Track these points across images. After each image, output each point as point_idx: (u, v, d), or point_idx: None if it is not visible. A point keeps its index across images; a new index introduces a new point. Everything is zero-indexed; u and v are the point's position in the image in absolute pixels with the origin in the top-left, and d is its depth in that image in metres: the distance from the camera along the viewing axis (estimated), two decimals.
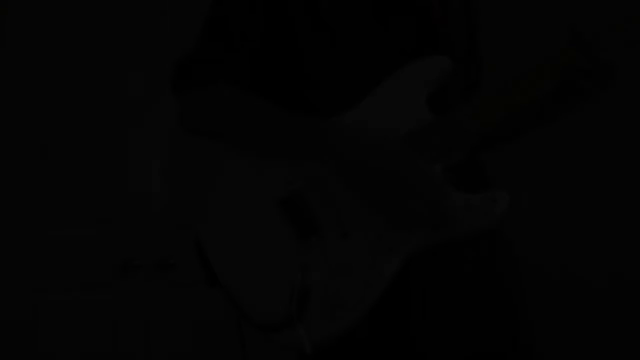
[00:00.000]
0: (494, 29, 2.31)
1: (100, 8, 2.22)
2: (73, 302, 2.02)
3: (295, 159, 0.93)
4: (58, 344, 1.96)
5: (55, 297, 1.99)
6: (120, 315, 2.12)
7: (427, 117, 0.94)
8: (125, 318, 2.13)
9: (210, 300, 0.94)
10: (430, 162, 0.90)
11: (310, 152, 0.92)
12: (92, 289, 2.08)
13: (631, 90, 2.41)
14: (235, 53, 1.03)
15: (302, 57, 1.02)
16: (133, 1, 2.30)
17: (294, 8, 1.02)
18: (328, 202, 0.89)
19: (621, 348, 2.42)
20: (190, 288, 1.92)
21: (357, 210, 0.88)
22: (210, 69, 1.02)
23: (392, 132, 0.92)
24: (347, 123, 0.93)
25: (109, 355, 2.07)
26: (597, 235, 2.55)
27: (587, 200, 2.60)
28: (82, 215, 2.10)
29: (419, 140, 0.92)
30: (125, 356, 2.10)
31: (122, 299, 2.13)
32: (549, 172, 2.72)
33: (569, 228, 2.62)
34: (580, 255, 2.58)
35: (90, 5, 2.20)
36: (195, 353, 2.28)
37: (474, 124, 0.93)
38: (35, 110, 2.03)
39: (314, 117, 0.94)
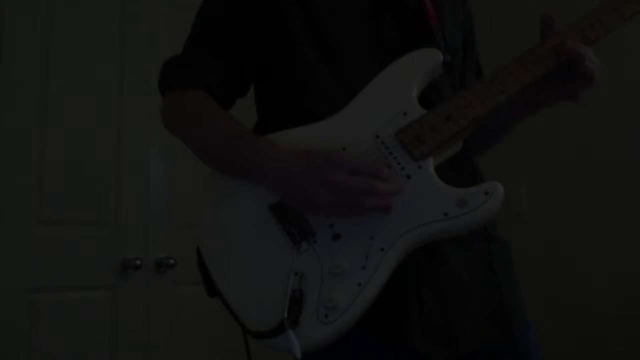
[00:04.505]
0: (491, 26, 2.30)
1: (100, 8, 2.23)
2: (73, 302, 2.02)
3: (235, 175, 0.94)
4: (58, 343, 1.97)
5: (55, 297, 1.99)
6: (120, 315, 2.12)
7: (417, 111, 0.93)
8: (125, 318, 2.13)
9: (209, 300, 0.94)
10: (423, 157, 0.90)
11: (243, 173, 0.94)
12: (92, 289, 2.08)
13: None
14: (218, 58, 1.03)
15: (297, 60, 1.01)
16: (133, 1, 2.30)
17: (288, 10, 1.02)
18: None
19: (621, 344, 2.41)
20: (190, 288, 1.92)
21: None
22: (190, 74, 1.03)
23: (383, 131, 0.92)
24: (278, 145, 0.93)
25: (109, 355, 2.07)
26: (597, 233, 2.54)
27: (585, 199, 2.59)
28: (82, 215, 2.10)
29: (410, 135, 0.91)
30: (124, 356, 2.11)
31: (122, 299, 2.14)
32: (546, 169, 2.71)
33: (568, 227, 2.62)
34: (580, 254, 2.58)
35: (90, 5, 2.20)
36: (195, 352, 2.29)
37: (465, 116, 0.91)
38: (37, 110, 2.03)
39: (255, 136, 0.96)
